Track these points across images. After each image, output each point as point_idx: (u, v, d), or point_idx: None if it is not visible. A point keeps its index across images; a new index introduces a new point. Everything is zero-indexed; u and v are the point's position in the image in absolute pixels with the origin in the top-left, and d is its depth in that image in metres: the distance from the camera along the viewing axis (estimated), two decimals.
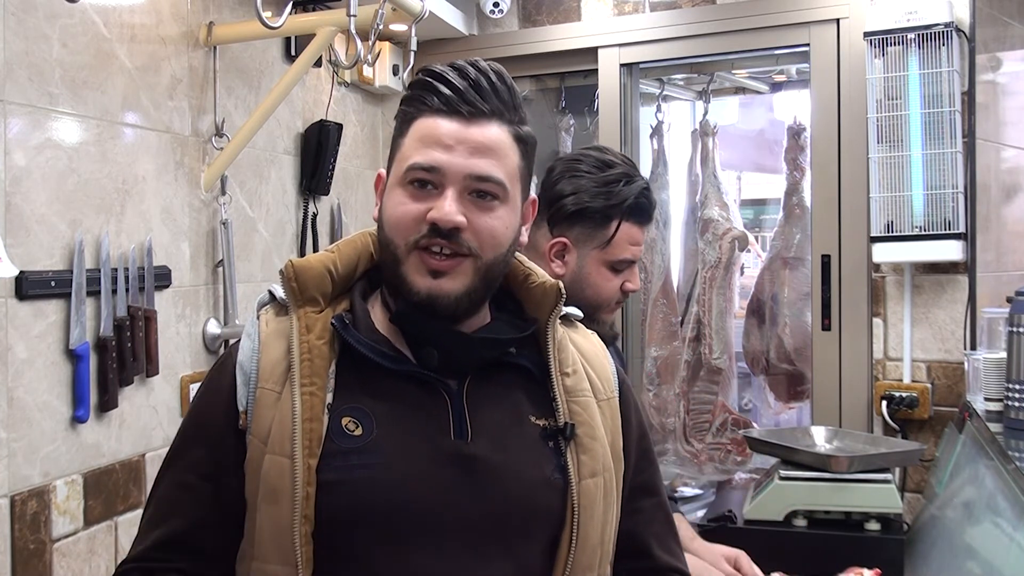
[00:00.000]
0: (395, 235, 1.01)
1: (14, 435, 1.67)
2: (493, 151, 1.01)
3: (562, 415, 1.04)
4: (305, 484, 0.94)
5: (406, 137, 1.03)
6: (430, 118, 1.01)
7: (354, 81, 2.75)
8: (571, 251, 1.57)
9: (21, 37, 1.68)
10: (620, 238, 1.57)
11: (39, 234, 1.71)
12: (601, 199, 1.55)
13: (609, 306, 1.61)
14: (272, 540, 0.96)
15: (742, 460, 2.79)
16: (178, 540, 1.02)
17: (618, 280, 1.59)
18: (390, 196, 1.03)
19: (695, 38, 2.68)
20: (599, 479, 1.04)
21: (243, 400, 1.01)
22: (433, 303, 1.00)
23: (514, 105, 1.04)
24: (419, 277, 0.99)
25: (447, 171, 0.99)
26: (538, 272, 1.11)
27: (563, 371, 1.06)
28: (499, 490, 0.99)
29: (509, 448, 1.01)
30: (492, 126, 1.01)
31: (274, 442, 0.97)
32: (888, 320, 2.45)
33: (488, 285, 1.04)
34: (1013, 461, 1.56)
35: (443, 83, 1.01)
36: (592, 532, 1.02)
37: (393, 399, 1.00)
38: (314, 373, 0.98)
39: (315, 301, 1.03)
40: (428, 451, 0.98)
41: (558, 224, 1.57)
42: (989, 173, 2.42)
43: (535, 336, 1.08)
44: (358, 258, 1.08)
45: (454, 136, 0.99)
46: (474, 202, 1.00)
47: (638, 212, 1.58)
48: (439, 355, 1.02)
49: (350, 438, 0.97)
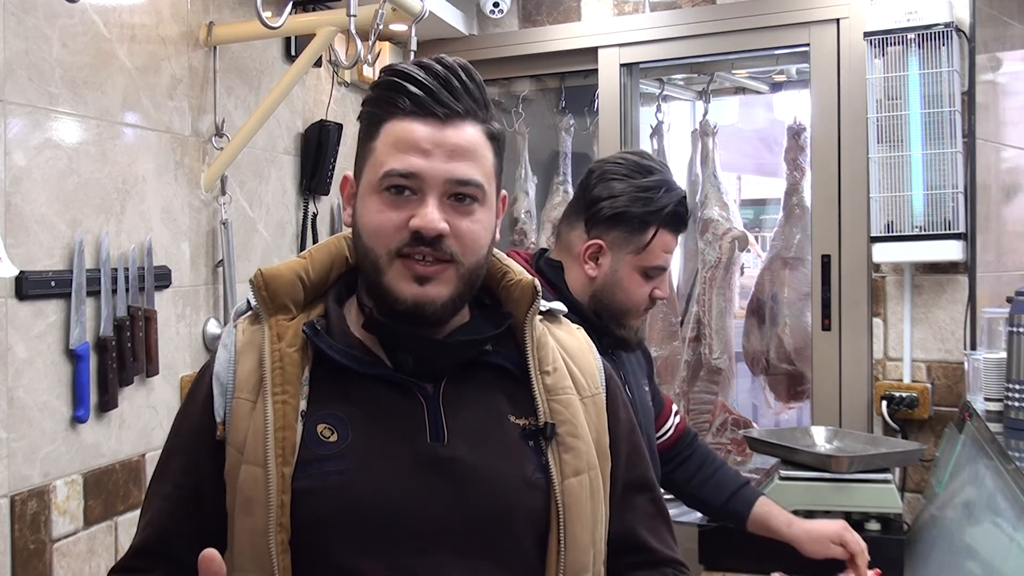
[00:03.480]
0: (375, 244, 0.99)
1: (14, 435, 1.67)
2: (471, 153, 0.99)
3: (542, 414, 1.03)
4: (279, 492, 0.93)
5: (377, 141, 1.00)
6: (402, 121, 0.98)
7: (354, 81, 2.75)
8: (606, 254, 1.58)
9: (21, 37, 1.68)
10: (655, 245, 1.57)
11: (39, 234, 1.71)
12: (640, 205, 1.56)
13: (637, 312, 1.61)
14: (249, 549, 0.95)
15: (742, 460, 2.79)
16: (156, 549, 1.02)
17: (648, 287, 1.60)
18: (365, 203, 1.00)
19: (695, 38, 2.68)
20: (584, 477, 1.03)
21: (220, 411, 1.01)
22: (420, 310, 0.98)
23: (484, 102, 1.02)
24: (405, 285, 0.98)
25: (426, 177, 0.97)
26: (515, 269, 1.10)
27: (543, 369, 1.05)
28: (478, 491, 0.98)
29: (487, 449, 1.00)
30: (467, 127, 1.00)
31: (249, 452, 0.96)
32: (888, 320, 2.45)
33: (470, 288, 1.03)
34: (1013, 461, 1.56)
35: (412, 83, 0.98)
36: (582, 532, 1.01)
37: (368, 404, 1.00)
38: (286, 381, 0.97)
39: (287, 308, 1.02)
40: (404, 455, 0.98)
41: (595, 227, 1.58)
42: (989, 173, 2.42)
43: (513, 335, 1.07)
44: (331, 263, 1.07)
45: (431, 140, 0.97)
46: (453, 207, 0.99)
47: (675, 220, 1.59)
48: (414, 359, 1.01)
49: (325, 444, 0.97)
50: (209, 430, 1.01)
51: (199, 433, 1.02)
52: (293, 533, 0.94)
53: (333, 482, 0.95)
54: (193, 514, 1.01)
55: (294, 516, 0.94)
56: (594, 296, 1.59)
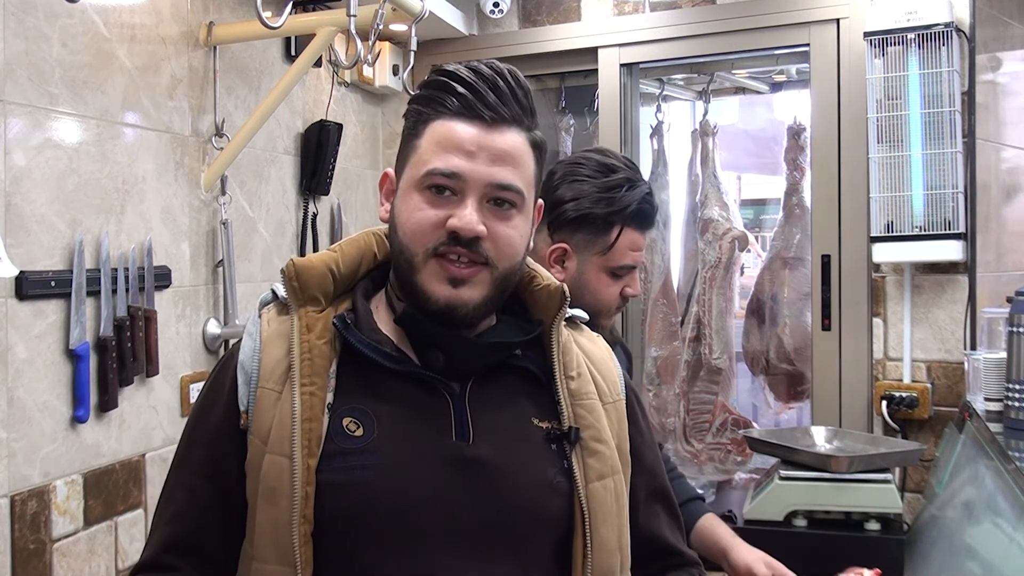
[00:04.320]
0: (412, 242, 0.99)
1: (14, 435, 1.67)
2: (513, 159, 1.00)
3: (567, 419, 1.03)
4: (304, 484, 0.94)
5: (422, 139, 1.01)
6: (449, 121, 0.99)
7: (354, 81, 2.75)
8: (571, 257, 1.55)
9: (21, 37, 1.68)
10: (621, 244, 1.55)
11: (39, 234, 1.71)
12: (603, 205, 1.53)
13: (609, 312, 1.59)
14: (271, 540, 0.95)
15: (742, 460, 2.79)
16: (182, 542, 1.02)
17: (618, 286, 1.58)
18: (405, 200, 1.01)
19: (695, 38, 2.68)
20: (608, 481, 1.03)
21: (244, 400, 1.01)
22: (452, 312, 0.99)
23: (531, 110, 1.03)
24: (438, 285, 0.99)
25: (468, 179, 0.98)
26: (543, 275, 1.10)
27: (567, 374, 1.06)
28: (501, 492, 0.98)
29: (511, 451, 1.01)
30: (512, 132, 1.00)
31: (274, 442, 0.97)
32: (888, 320, 2.45)
33: (502, 293, 1.03)
34: (1013, 461, 1.56)
35: (460, 84, 1.00)
36: (608, 536, 1.02)
37: (394, 400, 1.00)
38: (314, 373, 0.98)
39: (316, 300, 1.03)
40: (429, 453, 0.98)
41: (559, 230, 1.55)
42: (989, 173, 2.42)
43: (539, 339, 1.08)
44: (361, 258, 1.08)
45: (475, 142, 0.98)
46: (492, 211, 0.99)
47: (640, 218, 1.56)
48: (444, 358, 1.01)
49: (351, 438, 0.97)
50: (233, 419, 1.01)
51: (223, 422, 1.02)
52: (316, 525, 0.94)
53: (356, 477, 0.95)
54: (220, 505, 1.01)
55: (317, 508, 0.94)
56: None
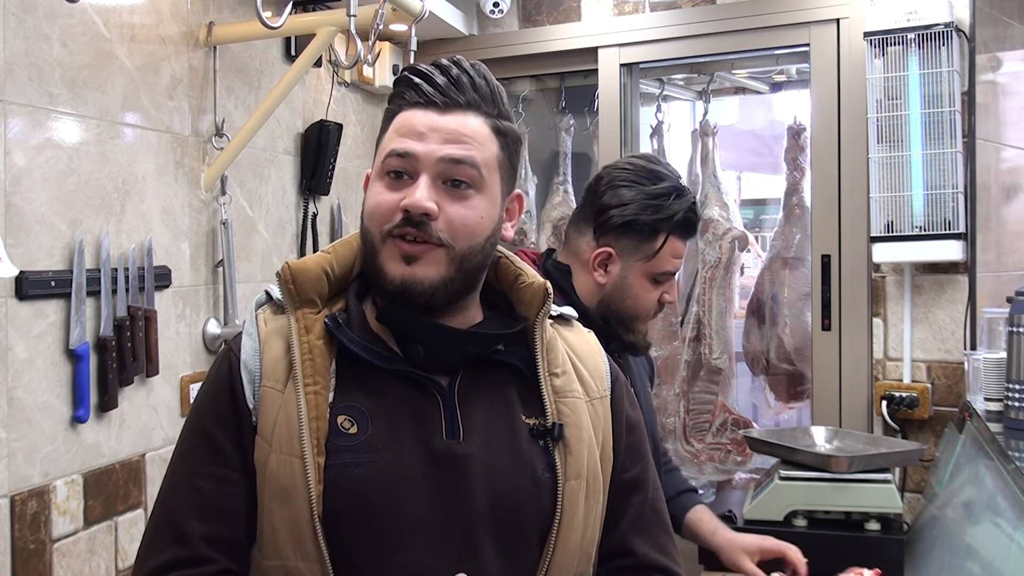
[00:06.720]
0: (371, 224, 1.02)
1: (14, 435, 1.67)
2: (468, 137, 1.01)
3: (551, 415, 1.04)
4: (316, 483, 0.95)
5: (386, 134, 1.05)
6: (408, 111, 1.03)
7: (354, 81, 2.75)
8: (615, 262, 1.58)
9: (21, 37, 1.68)
10: (665, 252, 1.58)
11: (39, 234, 1.71)
12: (650, 212, 1.56)
13: (647, 316, 1.62)
14: (290, 538, 0.96)
15: (742, 460, 2.79)
16: (226, 537, 0.99)
17: (657, 292, 1.61)
18: (371, 189, 1.04)
19: (695, 38, 2.68)
20: (582, 481, 1.04)
21: (251, 399, 1.01)
22: (407, 290, 0.99)
23: (493, 99, 1.05)
24: (393, 264, 1.00)
25: (420, 157, 0.99)
26: (528, 272, 1.11)
27: (552, 371, 1.06)
28: (492, 489, 0.99)
29: (500, 447, 1.02)
30: (468, 116, 1.02)
31: (280, 441, 0.97)
32: (888, 320, 2.45)
33: (467, 276, 1.03)
34: (1013, 461, 1.56)
35: (422, 78, 1.02)
36: (572, 535, 1.02)
37: (385, 397, 1.01)
38: (316, 372, 0.99)
39: (312, 302, 1.04)
40: (420, 450, 0.99)
41: (604, 234, 1.58)
42: (989, 173, 2.42)
43: (525, 336, 1.08)
44: (354, 258, 1.08)
45: (428, 125, 1.00)
46: (448, 191, 1.00)
47: (686, 227, 1.60)
48: (424, 350, 1.02)
49: (345, 436, 0.98)
50: (244, 417, 1.01)
51: (229, 422, 1.01)
52: (323, 522, 0.95)
53: (352, 474, 0.96)
54: (250, 495, 1.00)
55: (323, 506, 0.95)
56: (602, 302, 1.59)
